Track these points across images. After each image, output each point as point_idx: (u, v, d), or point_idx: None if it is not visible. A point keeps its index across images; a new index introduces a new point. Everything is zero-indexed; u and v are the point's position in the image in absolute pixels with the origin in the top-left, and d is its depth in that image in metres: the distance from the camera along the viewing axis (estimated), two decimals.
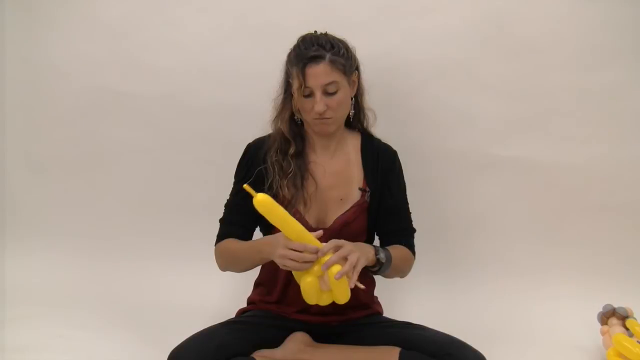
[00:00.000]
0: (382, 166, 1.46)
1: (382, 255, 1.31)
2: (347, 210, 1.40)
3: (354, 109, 1.45)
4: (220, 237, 1.45)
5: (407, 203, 1.50)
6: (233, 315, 1.49)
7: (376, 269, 1.32)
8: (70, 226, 2.07)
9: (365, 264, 1.23)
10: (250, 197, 1.17)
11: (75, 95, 1.99)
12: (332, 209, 1.41)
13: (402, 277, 1.48)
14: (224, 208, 1.47)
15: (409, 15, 1.81)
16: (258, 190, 1.20)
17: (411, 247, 1.47)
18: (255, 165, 1.41)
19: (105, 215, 2.05)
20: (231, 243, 1.41)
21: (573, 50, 1.80)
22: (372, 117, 1.51)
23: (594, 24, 1.78)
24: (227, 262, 1.44)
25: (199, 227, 2.01)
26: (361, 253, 1.21)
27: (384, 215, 1.45)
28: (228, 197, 1.47)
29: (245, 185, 1.18)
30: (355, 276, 1.17)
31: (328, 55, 1.32)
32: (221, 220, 1.47)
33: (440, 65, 1.83)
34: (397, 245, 1.43)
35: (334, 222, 1.40)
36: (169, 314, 1.81)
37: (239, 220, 1.43)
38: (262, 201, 1.16)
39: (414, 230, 1.50)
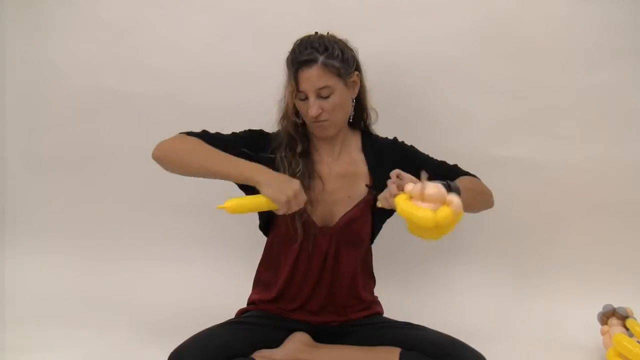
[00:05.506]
0: (388, 159, 1.41)
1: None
2: (354, 207, 1.39)
3: (355, 109, 1.44)
4: (190, 134, 1.38)
5: (436, 160, 1.47)
6: (233, 315, 1.49)
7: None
8: (70, 226, 2.06)
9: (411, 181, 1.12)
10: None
11: (75, 95, 1.99)
12: (338, 207, 1.40)
13: (485, 203, 1.44)
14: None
15: (409, 15, 1.81)
16: None
17: (468, 175, 1.44)
18: (266, 149, 1.39)
19: (105, 215, 2.05)
20: (203, 143, 1.34)
21: (573, 50, 1.80)
22: (374, 116, 1.50)
23: (594, 24, 1.78)
24: (179, 152, 1.35)
25: (199, 228, 2.02)
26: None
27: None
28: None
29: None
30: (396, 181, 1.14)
31: (321, 59, 1.30)
32: (201, 130, 1.41)
33: (440, 65, 1.83)
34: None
35: (339, 219, 1.39)
36: (169, 314, 1.81)
37: (220, 146, 1.35)
38: (231, 206, 1.22)
39: (455, 165, 1.46)
